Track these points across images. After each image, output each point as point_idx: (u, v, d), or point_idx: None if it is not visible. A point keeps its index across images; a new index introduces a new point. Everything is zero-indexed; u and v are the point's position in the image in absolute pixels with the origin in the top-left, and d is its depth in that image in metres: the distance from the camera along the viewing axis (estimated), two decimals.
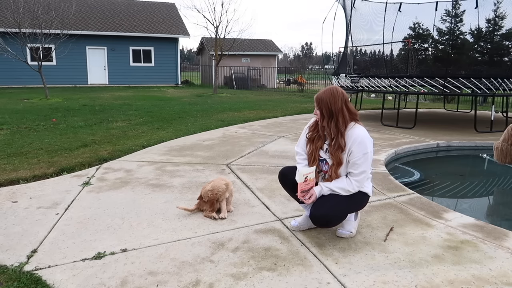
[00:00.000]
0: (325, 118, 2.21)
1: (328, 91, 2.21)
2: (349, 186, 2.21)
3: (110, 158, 4.34)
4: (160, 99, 12.92)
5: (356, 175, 2.20)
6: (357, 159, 2.17)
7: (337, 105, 2.17)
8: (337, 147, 2.20)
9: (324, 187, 2.24)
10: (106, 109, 9.47)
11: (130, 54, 20.53)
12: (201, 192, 2.77)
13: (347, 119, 2.20)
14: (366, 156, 2.17)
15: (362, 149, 2.16)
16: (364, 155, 2.16)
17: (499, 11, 12.95)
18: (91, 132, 6.02)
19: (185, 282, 1.84)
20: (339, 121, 2.18)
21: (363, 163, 2.17)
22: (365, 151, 2.16)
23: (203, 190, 2.73)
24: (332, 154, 2.22)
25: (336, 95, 2.19)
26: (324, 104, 2.19)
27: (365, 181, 2.25)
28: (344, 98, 2.21)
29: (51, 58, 16.27)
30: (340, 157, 2.19)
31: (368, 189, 2.33)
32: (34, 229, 2.44)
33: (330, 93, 2.19)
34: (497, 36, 12.92)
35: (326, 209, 2.17)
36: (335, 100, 2.18)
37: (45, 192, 3.17)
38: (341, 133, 2.19)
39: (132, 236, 2.36)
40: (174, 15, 22.63)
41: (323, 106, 2.19)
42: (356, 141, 2.16)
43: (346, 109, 2.20)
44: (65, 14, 13.87)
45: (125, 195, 3.13)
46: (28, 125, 6.66)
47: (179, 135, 5.87)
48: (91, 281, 1.84)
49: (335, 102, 2.17)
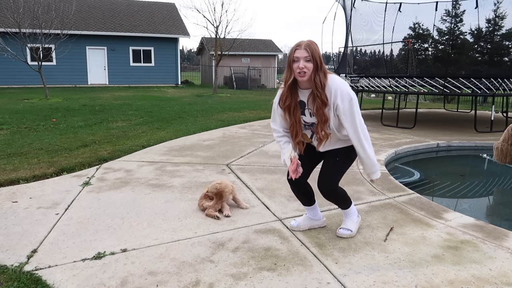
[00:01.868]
0: (316, 68, 2.01)
1: (307, 40, 2.06)
2: (368, 148, 2.17)
3: (110, 158, 4.34)
4: (160, 99, 12.92)
5: (358, 131, 2.10)
6: (347, 111, 2.06)
7: (320, 53, 2.06)
8: (321, 103, 2.04)
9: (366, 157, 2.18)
10: (106, 109, 9.47)
11: (130, 54, 20.52)
12: (207, 189, 2.82)
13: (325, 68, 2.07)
14: (351, 103, 2.06)
15: (346, 98, 2.05)
16: (349, 102, 2.05)
17: (499, 11, 12.95)
18: (91, 132, 6.02)
19: (185, 282, 1.84)
20: (324, 70, 2.03)
21: (356, 113, 2.08)
22: (349, 98, 2.05)
23: (210, 185, 2.79)
24: (317, 111, 2.07)
25: (315, 42, 2.07)
26: (317, 51, 2.01)
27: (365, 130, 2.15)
28: None
29: (51, 58, 16.27)
30: (325, 113, 2.06)
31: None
32: (34, 229, 2.44)
33: (312, 41, 2.04)
34: (497, 36, 12.91)
35: (328, 183, 2.25)
36: (317, 47, 2.06)
37: (45, 192, 3.17)
38: (323, 85, 2.03)
39: (132, 236, 2.36)
40: (174, 15, 22.63)
41: (316, 53, 2.00)
42: (338, 93, 2.04)
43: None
44: (65, 14, 13.86)
45: (125, 195, 3.13)
46: (28, 125, 6.66)
47: (179, 135, 5.87)
48: (91, 281, 1.84)
49: (319, 50, 2.05)
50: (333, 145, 2.24)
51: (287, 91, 2.10)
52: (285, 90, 2.10)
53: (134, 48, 20.53)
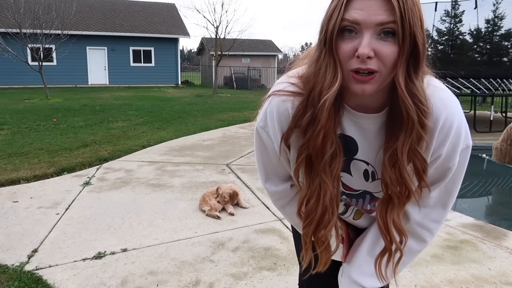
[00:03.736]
0: (408, 60, 0.66)
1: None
2: (427, 238, 0.92)
3: (110, 158, 4.35)
4: (160, 99, 12.93)
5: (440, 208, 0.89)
6: (454, 170, 0.80)
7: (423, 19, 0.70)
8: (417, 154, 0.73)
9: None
10: (107, 109, 9.48)
11: (131, 54, 20.53)
12: (217, 192, 2.85)
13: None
14: (465, 156, 0.81)
15: (460, 145, 0.77)
16: (465, 153, 0.80)
17: (498, 11, 12.95)
18: (91, 132, 6.03)
19: (185, 282, 1.85)
20: (423, 69, 0.71)
21: (458, 180, 0.84)
22: (465, 145, 0.78)
23: (222, 191, 2.82)
24: (397, 174, 0.73)
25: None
26: (416, 13, 0.65)
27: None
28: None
29: (51, 58, 16.28)
30: (421, 176, 0.74)
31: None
32: (34, 229, 2.45)
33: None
34: (496, 37, 12.94)
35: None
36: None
37: (45, 192, 3.18)
38: (426, 110, 0.70)
39: (132, 236, 2.36)
40: (174, 15, 22.65)
41: (415, 18, 0.64)
42: (447, 131, 0.74)
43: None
44: (65, 14, 13.87)
45: (126, 195, 3.13)
46: (29, 125, 6.67)
47: (179, 135, 5.88)
48: (92, 281, 1.85)
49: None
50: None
51: (303, 106, 0.75)
52: (305, 105, 0.74)
53: (134, 48, 20.53)
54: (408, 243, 0.83)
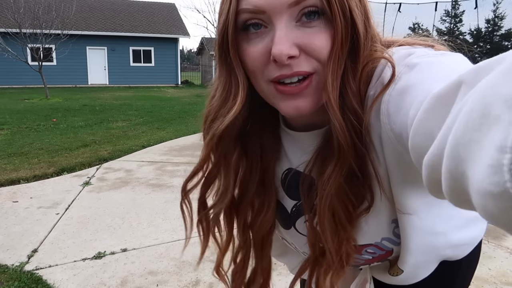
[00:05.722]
0: (353, 44, 0.44)
1: None
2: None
3: (110, 158, 4.35)
4: (160, 99, 12.93)
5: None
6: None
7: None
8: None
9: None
10: (106, 109, 9.48)
11: (130, 54, 20.53)
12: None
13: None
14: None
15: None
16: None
17: (498, 11, 12.97)
18: (91, 132, 6.03)
19: (185, 282, 1.85)
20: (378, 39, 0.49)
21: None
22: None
23: None
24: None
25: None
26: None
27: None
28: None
29: (51, 58, 16.29)
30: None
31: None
32: (34, 229, 2.45)
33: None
34: (496, 37, 12.89)
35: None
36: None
37: (45, 192, 3.17)
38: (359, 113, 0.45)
39: (132, 236, 2.36)
40: (174, 15, 22.65)
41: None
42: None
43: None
44: (65, 14, 13.87)
45: (125, 195, 3.13)
46: (29, 125, 6.66)
47: (179, 135, 5.87)
48: (92, 281, 1.85)
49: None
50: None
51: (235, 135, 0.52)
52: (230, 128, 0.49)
53: (134, 48, 20.54)
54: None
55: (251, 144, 0.54)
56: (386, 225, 0.52)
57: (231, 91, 0.47)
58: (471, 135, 0.21)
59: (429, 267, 0.59)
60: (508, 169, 0.17)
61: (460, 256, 0.61)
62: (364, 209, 0.48)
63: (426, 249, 0.54)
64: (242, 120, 0.48)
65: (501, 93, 0.19)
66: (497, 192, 0.18)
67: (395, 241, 0.53)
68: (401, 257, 0.55)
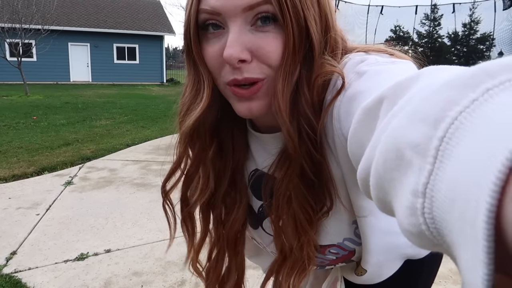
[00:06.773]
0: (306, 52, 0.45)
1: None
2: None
3: (93, 157, 4.26)
4: (145, 97, 12.75)
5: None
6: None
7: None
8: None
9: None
10: (89, 107, 9.28)
11: (114, 51, 20.16)
12: None
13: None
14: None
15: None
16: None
17: (474, 15, 13.41)
18: (73, 131, 5.89)
19: (171, 282, 1.83)
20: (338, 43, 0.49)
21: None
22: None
23: None
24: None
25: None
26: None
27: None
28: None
29: (31, 54, 15.85)
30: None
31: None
32: (13, 230, 2.37)
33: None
34: (472, 40, 13.32)
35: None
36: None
37: (25, 192, 3.08)
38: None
39: (116, 236, 2.32)
40: (159, 12, 22.37)
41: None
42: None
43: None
44: (46, 9, 13.50)
45: (109, 194, 3.07)
46: (7, 122, 6.45)
47: (164, 133, 5.81)
48: (74, 283, 1.81)
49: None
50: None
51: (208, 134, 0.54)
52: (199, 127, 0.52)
53: (118, 45, 20.17)
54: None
55: (225, 142, 0.56)
56: (347, 226, 0.53)
57: (199, 88, 0.48)
58: (392, 174, 0.22)
59: (392, 266, 0.61)
60: (421, 213, 0.18)
61: (422, 254, 0.62)
62: (324, 212, 0.50)
63: (386, 248, 0.56)
64: (212, 116, 0.50)
65: (408, 138, 0.20)
66: (415, 232, 0.19)
67: (357, 242, 0.55)
68: (363, 257, 0.56)
